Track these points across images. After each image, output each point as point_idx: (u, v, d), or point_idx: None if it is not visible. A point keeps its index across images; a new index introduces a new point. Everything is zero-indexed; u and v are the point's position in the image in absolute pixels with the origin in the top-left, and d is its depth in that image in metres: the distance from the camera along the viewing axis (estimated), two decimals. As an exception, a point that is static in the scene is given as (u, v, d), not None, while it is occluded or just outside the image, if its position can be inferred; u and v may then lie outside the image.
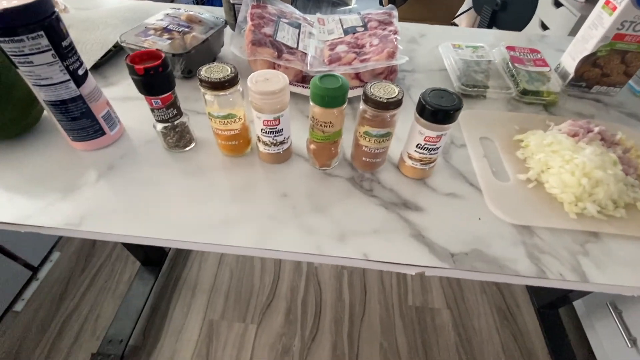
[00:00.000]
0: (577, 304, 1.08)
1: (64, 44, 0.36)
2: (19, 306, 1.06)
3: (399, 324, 1.09)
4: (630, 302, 0.88)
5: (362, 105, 0.37)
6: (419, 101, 0.36)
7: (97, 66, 0.57)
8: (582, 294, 1.03)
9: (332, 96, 0.34)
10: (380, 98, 0.34)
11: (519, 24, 1.28)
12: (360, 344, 1.05)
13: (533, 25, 1.48)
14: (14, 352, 0.97)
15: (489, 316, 1.12)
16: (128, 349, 0.98)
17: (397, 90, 0.36)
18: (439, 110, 0.34)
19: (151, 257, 1.13)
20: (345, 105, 0.36)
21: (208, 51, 0.57)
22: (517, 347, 1.06)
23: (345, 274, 1.20)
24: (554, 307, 1.12)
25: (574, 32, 1.27)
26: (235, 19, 0.63)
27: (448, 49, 0.64)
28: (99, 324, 1.04)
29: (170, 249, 1.22)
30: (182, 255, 1.22)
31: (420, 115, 0.36)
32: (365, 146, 0.39)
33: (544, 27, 1.47)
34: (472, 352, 1.04)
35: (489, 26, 1.38)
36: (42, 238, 1.17)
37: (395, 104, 0.35)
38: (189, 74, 0.56)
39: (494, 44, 0.68)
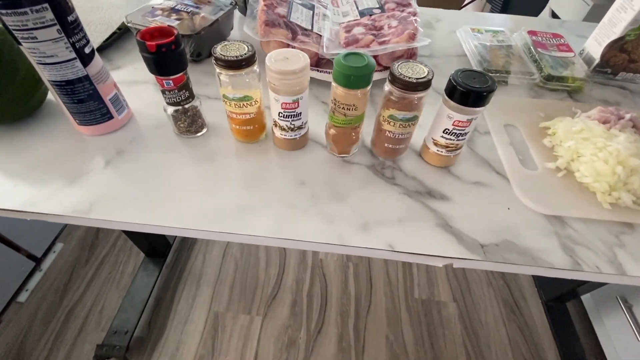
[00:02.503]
0: (585, 297, 1.07)
1: (70, 18, 0.33)
2: (22, 297, 1.05)
3: (405, 316, 1.09)
4: (642, 296, 0.87)
5: (387, 87, 0.35)
6: (449, 82, 0.34)
7: (102, 49, 0.55)
8: (591, 287, 1.02)
9: (357, 75, 0.32)
10: (409, 78, 0.32)
11: (531, 12, 1.24)
12: (366, 337, 1.04)
13: (543, 14, 1.45)
14: (18, 342, 0.96)
15: (495, 309, 1.12)
16: (133, 340, 0.97)
17: (426, 70, 0.33)
18: (471, 92, 0.32)
19: (155, 248, 1.11)
20: (369, 86, 0.34)
21: (218, 33, 0.54)
22: (524, 340, 1.05)
23: (351, 266, 1.19)
24: (562, 301, 1.11)
25: (586, 20, 1.23)
26: (245, 1, 0.60)
27: (467, 33, 0.61)
28: (103, 315, 1.03)
29: (174, 240, 1.20)
30: (187, 247, 1.21)
31: (450, 98, 0.34)
32: (389, 131, 0.37)
33: (555, 16, 1.43)
34: (478, 345, 1.04)
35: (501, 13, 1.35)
36: (45, 229, 1.15)
37: (425, 84, 0.32)
38: (199, 56, 0.53)
39: (512, 29, 0.65)
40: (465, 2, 1.63)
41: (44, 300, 1.05)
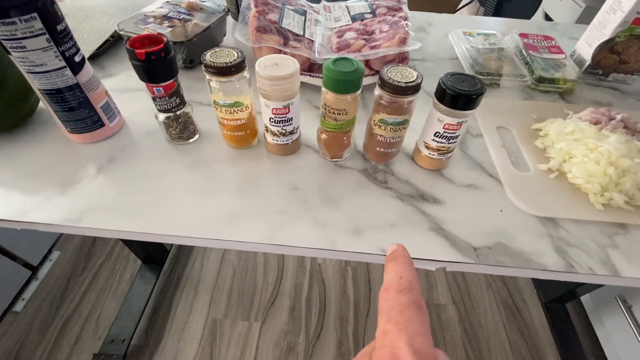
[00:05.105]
0: (585, 298, 1.07)
1: (59, 27, 0.33)
2: (19, 306, 1.04)
3: (405, 320, 1.08)
4: (641, 296, 0.87)
5: (377, 91, 0.35)
6: (439, 86, 0.34)
7: (95, 56, 0.55)
8: (590, 288, 1.01)
9: (347, 80, 0.32)
10: (398, 82, 0.32)
11: (524, 15, 1.25)
12: (365, 341, 1.03)
13: (537, 17, 1.46)
14: (14, 353, 0.95)
15: (495, 311, 1.11)
16: (130, 349, 0.96)
17: (415, 74, 0.33)
18: (460, 95, 0.32)
19: (152, 255, 1.11)
20: (359, 91, 0.34)
21: (210, 39, 0.55)
22: (524, 342, 1.05)
23: (350, 270, 1.19)
24: (561, 302, 1.10)
25: (579, 22, 1.24)
26: (238, 7, 0.60)
27: (459, 36, 0.61)
28: (100, 324, 1.02)
29: (171, 247, 1.20)
30: (184, 254, 1.20)
31: (439, 101, 0.34)
32: (380, 135, 0.37)
33: (548, 18, 1.44)
34: (478, 347, 1.03)
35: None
36: (41, 237, 1.15)
37: (414, 88, 0.33)
38: (191, 63, 0.53)
39: (505, 32, 0.66)
40: (460, 6, 1.64)
41: (40, 309, 1.04)
